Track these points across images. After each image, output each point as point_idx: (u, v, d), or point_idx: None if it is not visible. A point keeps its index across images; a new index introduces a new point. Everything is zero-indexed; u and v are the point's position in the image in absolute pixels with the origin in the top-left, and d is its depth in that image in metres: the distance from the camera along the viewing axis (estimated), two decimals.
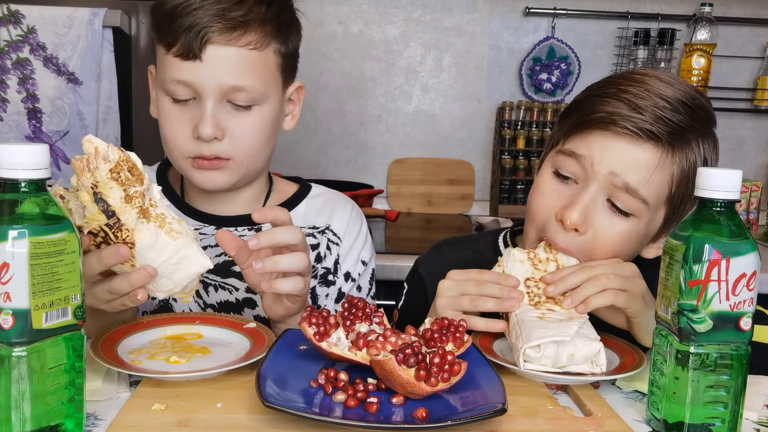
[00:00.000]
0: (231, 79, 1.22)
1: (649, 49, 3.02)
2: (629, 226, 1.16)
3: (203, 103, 1.23)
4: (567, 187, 1.19)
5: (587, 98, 1.20)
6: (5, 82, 2.28)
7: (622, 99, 1.13)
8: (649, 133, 1.11)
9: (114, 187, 0.94)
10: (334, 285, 1.43)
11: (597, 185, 1.15)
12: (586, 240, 1.16)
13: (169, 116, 1.27)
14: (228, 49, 1.21)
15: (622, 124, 1.12)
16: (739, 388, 0.86)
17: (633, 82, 1.15)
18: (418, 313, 1.24)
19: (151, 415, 0.87)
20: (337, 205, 1.49)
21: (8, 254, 0.73)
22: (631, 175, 1.13)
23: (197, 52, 1.19)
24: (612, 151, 1.13)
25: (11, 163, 0.74)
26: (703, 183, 0.86)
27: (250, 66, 1.24)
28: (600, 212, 1.16)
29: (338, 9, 3.03)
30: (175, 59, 1.21)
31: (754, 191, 2.98)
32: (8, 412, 0.75)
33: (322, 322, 0.94)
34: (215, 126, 1.22)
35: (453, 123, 3.14)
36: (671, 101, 1.12)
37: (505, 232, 1.45)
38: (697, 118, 1.15)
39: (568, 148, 1.18)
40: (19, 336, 0.74)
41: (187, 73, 1.21)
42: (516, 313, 1.08)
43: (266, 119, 1.29)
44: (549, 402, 0.96)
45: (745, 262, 0.84)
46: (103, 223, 0.94)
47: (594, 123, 1.15)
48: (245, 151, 1.27)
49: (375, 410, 0.85)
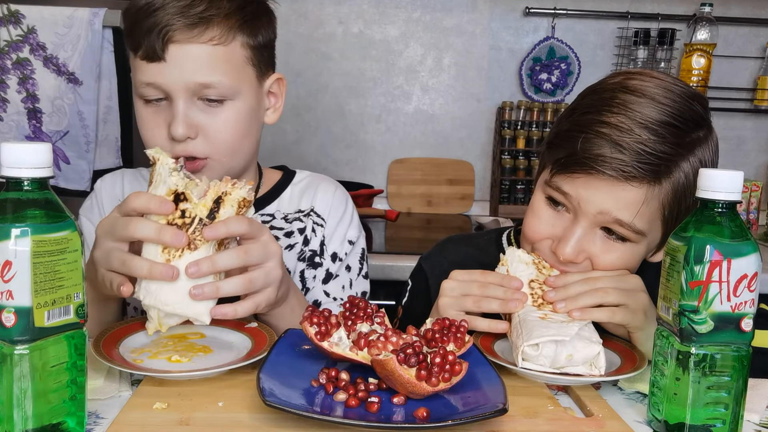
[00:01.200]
0: (197, 76, 1.20)
1: (649, 49, 3.02)
2: (626, 249, 1.15)
3: (174, 103, 1.22)
4: (560, 214, 1.18)
5: (570, 131, 1.16)
6: (5, 82, 2.28)
7: (602, 136, 1.10)
8: (631, 175, 1.09)
9: (230, 210, 1.01)
10: (321, 266, 1.41)
11: (587, 221, 1.14)
12: (584, 267, 1.16)
13: (144, 119, 1.26)
14: (190, 47, 1.20)
15: (605, 168, 1.09)
16: (740, 390, 0.87)
17: (615, 108, 1.11)
18: (421, 310, 1.24)
19: (153, 414, 0.87)
20: (319, 187, 1.48)
21: (11, 252, 0.73)
22: (621, 212, 1.11)
23: (160, 52, 1.19)
24: (598, 192, 1.11)
25: (14, 161, 0.75)
26: (704, 184, 0.86)
27: (215, 61, 1.22)
28: (596, 242, 1.15)
29: (338, 9, 3.03)
30: (142, 62, 1.21)
31: (754, 191, 2.98)
32: (10, 410, 0.75)
33: (324, 322, 0.94)
34: (187, 125, 1.21)
35: (453, 123, 3.14)
36: (655, 129, 1.09)
37: (509, 231, 1.45)
38: (684, 136, 1.12)
39: (555, 184, 1.16)
40: (21, 334, 0.74)
41: (153, 74, 1.21)
42: (518, 313, 1.08)
43: (241, 114, 1.27)
44: (550, 402, 0.96)
45: (746, 263, 0.84)
46: (200, 215, 0.99)
47: (576, 165, 1.12)
48: (222, 149, 1.25)
49: (376, 410, 0.85)
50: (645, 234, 1.14)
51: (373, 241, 2.53)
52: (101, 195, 1.44)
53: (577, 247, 1.14)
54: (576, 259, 1.14)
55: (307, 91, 3.04)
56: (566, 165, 1.13)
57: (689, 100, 1.13)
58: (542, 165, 1.25)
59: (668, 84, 1.14)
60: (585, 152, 1.11)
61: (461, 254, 1.47)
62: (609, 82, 1.18)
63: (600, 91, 1.18)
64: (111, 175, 1.48)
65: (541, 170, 1.26)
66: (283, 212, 1.43)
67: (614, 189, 1.10)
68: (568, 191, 1.14)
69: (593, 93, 1.19)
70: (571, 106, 1.22)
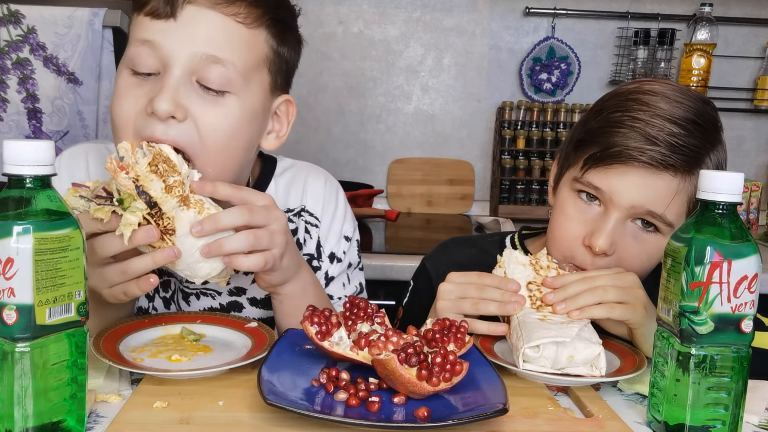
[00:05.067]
0: (208, 47, 1.05)
1: (649, 49, 3.02)
2: (655, 241, 1.18)
3: (166, 74, 1.05)
4: (590, 207, 1.20)
5: (602, 128, 1.19)
6: (5, 82, 2.28)
7: (635, 129, 1.13)
8: (667, 164, 1.12)
9: (154, 179, 0.98)
10: (320, 269, 1.34)
11: (620, 214, 1.16)
12: (615, 259, 1.18)
13: (123, 90, 1.08)
14: (211, 13, 1.05)
15: (639, 158, 1.12)
16: (739, 391, 0.87)
17: (642, 106, 1.15)
18: (424, 309, 1.24)
19: (153, 413, 0.87)
20: (307, 180, 1.36)
21: (13, 250, 0.73)
22: (654, 204, 1.14)
23: (173, 10, 1.03)
24: (632, 184, 1.14)
25: (17, 159, 0.75)
26: (705, 185, 0.86)
27: (234, 39, 1.07)
28: (627, 234, 1.18)
29: (338, 9, 3.03)
30: (146, 18, 1.05)
31: (754, 191, 2.99)
32: (11, 408, 0.75)
33: (324, 322, 0.94)
34: (175, 102, 1.03)
35: (453, 123, 3.14)
36: (682, 124, 1.13)
37: (512, 235, 1.45)
38: (708, 134, 1.16)
39: (587, 180, 1.18)
40: (22, 331, 0.74)
41: (156, 32, 1.04)
42: (517, 315, 1.08)
43: (243, 114, 1.10)
44: (550, 403, 0.96)
45: (746, 264, 0.84)
46: (145, 212, 0.97)
47: (612, 158, 1.15)
48: (210, 146, 1.07)
49: (376, 409, 0.85)
50: (674, 227, 1.15)
51: (373, 241, 2.53)
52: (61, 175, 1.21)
53: (611, 238, 1.16)
54: (609, 250, 1.16)
55: (307, 91, 3.04)
56: (601, 158, 1.16)
57: (704, 103, 1.18)
58: (565, 166, 1.27)
59: (682, 88, 1.18)
60: (620, 144, 1.14)
61: (464, 255, 1.47)
62: (628, 87, 1.22)
63: (623, 94, 1.21)
64: (70, 153, 1.30)
65: (561, 171, 1.28)
66: None
67: (648, 180, 1.14)
68: (600, 186, 1.16)
69: (616, 96, 1.23)
70: (595, 108, 1.25)
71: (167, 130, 1.04)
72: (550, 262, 1.17)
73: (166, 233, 0.98)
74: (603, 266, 1.17)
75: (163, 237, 0.98)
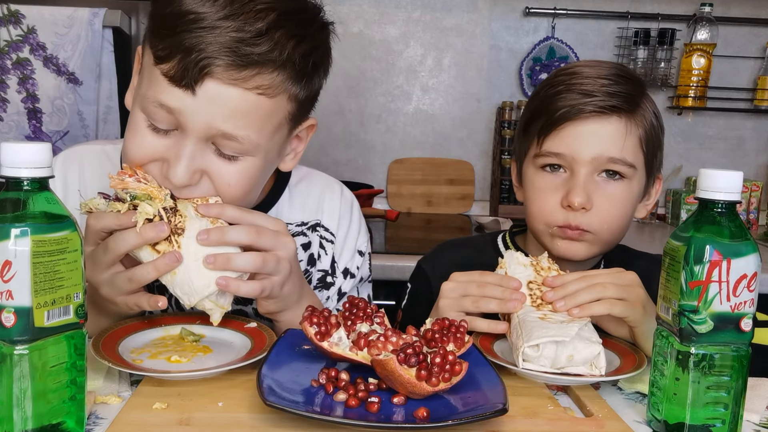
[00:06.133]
0: (224, 125, 1.01)
1: (649, 49, 3.02)
2: (624, 187, 1.27)
3: (183, 139, 1.02)
4: (557, 175, 1.28)
5: (543, 102, 1.28)
6: (5, 82, 2.28)
7: (573, 89, 1.24)
8: (611, 107, 1.23)
9: None
10: (334, 285, 1.33)
11: (585, 169, 1.24)
12: (594, 214, 1.24)
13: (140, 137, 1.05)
14: (231, 90, 0.99)
15: (585, 110, 1.22)
16: (739, 390, 0.87)
17: (572, 75, 1.27)
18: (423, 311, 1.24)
19: (153, 414, 0.87)
20: (324, 193, 1.34)
21: (11, 252, 0.73)
22: (610, 149, 1.23)
23: (192, 83, 0.98)
24: (586, 138, 1.24)
25: (14, 161, 0.75)
26: (704, 184, 0.86)
27: (252, 114, 1.02)
28: (598, 185, 1.25)
29: (338, 9, 3.03)
30: (163, 79, 1.00)
31: (754, 191, 2.99)
32: (10, 410, 0.75)
33: (324, 322, 0.94)
34: (192, 171, 1.03)
35: (453, 123, 3.14)
36: (610, 77, 1.25)
37: (504, 233, 1.46)
38: (634, 82, 1.28)
39: (546, 150, 1.27)
40: (21, 334, 0.74)
41: (173, 99, 1.00)
42: (518, 314, 1.08)
43: (259, 167, 1.09)
44: (550, 402, 0.96)
45: (745, 263, 0.84)
46: (162, 205, 0.99)
47: (562, 119, 1.24)
48: (228, 198, 1.07)
49: (376, 410, 0.85)
50: (635, 167, 1.26)
51: (373, 241, 2.52)
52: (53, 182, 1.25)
53: (585, 192, 1.23)
54: (587, 204, 1.23)
55: None
56: (552, 123, 1.25)
57: (621, 65, 1.36)
58: (522, 153, 1.35)
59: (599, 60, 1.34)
60: (565, 105, 1.24)
61: (460, 255, 1.48)
62: (554, 72, 1.35)
63: (551, 76, 1.34)
64: (65, 157, 1.28)
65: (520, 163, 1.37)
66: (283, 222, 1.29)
67: (598, 129, 1.24)
68: (559, 150, 1.25)
69: (546, 80, 1.34)
70: (532, 95, 1.38)
71: (182, 192, 1.05)
72: (551, 264, 1.17)
73: (175, 232, 0.99)
74: (585, 223, 1.24)
75: (170, 237, 0.99)
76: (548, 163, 1.27)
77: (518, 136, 1.38)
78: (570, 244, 1.27)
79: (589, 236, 1.26)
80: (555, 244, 1.28)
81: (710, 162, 3.15)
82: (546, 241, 1.30)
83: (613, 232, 1.28)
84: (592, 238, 1.26)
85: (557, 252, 1.28)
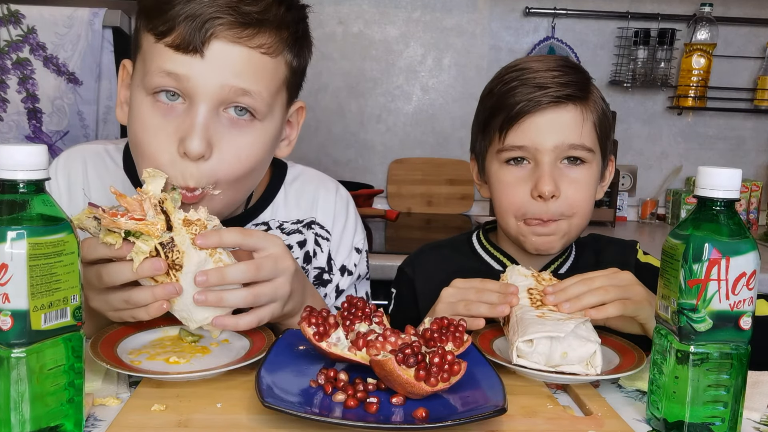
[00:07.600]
0: (237, 80, 1.05)
1: (649, 49, 3.02)
2: (586, 171, 1.30)
3: (194, 108, 1.05)
4: (522, 168, 1.30)
5: (498, 99, 1.31)
6: (5, 82, 2.29)
7: (527, 84, 1.28)
8: (567, 96, 1.27)
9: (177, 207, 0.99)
10: (331, 283, 1.34)
11: (548, 157, 1.27)
12: (563, 200, 1.28)
13: (148, 123, 1.07)
14: (237, 48, 1.04)
15: (542, 101, 1.26)
16: (739, 388, 0.86)
17: (522, 71, 1.31)
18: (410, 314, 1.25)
19: (151, 416, 0.86)
20: (319, 191, 1.36)
21: (7, 255, 0.72)
22: (570, 136, 1.27)
23: (199, 46, 1.02)
24: (546, 127, 1.27)
25: (10, 163, 0.74)
26: (703, 182, 0.86)
27: (260, 71, 1.07)
28: (562, 172, 1.29)
29: (338, 9, 3.03)
30: (167, 49, 1.03)
31: (754, 191, 2.99)
32: (7, 414, 0.74)
33: (322, 322, 0.94)
34: (206, 141, 1.05)
35: (453, 123, 3.14)
36: (559, 69, 1.30)
37: (477, 231, 1.48)
38: (581, 71, 1.34)
39: (509, 144, 1.29)
40: (18, 337, 0.74)
41: (182, 65, 1.03)
42: (516, 313, 1.08)
43: (267, 140, 1.13)
44: (549, 401, 0.96)
45: (744, 261, 0.84)
46: (158, 241, 0.95)
47: (522, 112, 1.27)
48: (231, 176, 1.09)
49: (375, 410, 0.84)
50: (593, 150, 1.30)
51: (373, 241, 2.52)
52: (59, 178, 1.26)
53: (553, 180, 1.26)
54: (556, 191, 1.26)
55: (307, 91, 3.01)
56: (513, 118, 1.28)
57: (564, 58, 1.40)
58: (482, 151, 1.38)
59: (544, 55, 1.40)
60: (522, 99, 1.27)
61: (440, 255, 1.48)
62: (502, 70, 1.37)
63: (501, 73, 1.36)
64: (67, 156, 1.30)
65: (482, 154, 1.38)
66: (278, 221, 1.31)
67: (556, 118, 1.27)
68: (522, 143, 1.28)
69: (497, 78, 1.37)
70: (484, 95, 1.40)
71: (196, 169, 1.06)
72: (551, 277, 1.19)
73: (173, 267, 0.97)
74: (556, 211, 1.28)
75: (169, 272, 0.97)
76: (512, 156, 1.30)
77: (476, 134, 1.41)
78: (544, 240, 1.30)
79: (562, 225, 1.29)
80: (529, 240, 1.31)
81: (710, 162, 3.14)
82: (518, 238, 1.32)
83: (584, 215, 1.32)
84: (565, 226, 1.29)
85: (532, 248, 1.31)
